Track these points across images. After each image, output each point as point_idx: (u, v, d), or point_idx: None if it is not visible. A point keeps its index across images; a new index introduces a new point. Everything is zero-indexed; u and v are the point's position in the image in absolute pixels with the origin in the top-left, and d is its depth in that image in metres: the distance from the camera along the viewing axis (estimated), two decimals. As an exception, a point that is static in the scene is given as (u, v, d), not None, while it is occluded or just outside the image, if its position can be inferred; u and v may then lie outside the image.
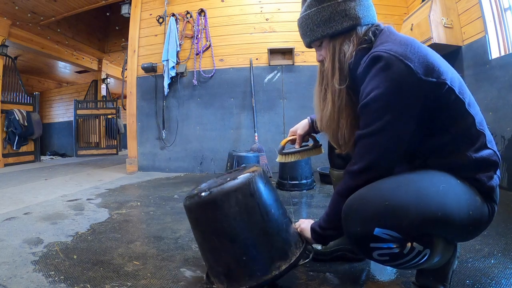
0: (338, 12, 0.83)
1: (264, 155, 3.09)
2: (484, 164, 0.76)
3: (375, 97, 0.72)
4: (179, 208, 2.04)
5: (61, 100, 8.41)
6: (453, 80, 0.75)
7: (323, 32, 0.85)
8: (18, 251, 1.30)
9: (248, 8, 3.65)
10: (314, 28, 0.86)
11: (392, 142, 0.74)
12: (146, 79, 3.84)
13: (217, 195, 0.86)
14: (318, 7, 0.85)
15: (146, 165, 3.81)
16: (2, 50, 4.77)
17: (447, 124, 0.76)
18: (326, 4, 0.84)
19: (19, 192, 2.69)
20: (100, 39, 6.82)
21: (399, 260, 0.71)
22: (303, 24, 0.90)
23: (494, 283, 0.93)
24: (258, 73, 3.56)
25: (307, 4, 0.88)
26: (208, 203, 0.87)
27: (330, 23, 0.84)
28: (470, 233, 0.79)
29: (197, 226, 0.94)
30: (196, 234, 0.96)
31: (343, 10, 0.82)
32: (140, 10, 3.90)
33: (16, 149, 5.11)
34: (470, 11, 2.51)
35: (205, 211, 0.89)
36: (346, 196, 0.78)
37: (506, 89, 2.18)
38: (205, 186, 0.96)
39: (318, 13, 0.85)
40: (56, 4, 4.60)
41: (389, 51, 0.72)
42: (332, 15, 0.83)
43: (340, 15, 0.83)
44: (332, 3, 0.83)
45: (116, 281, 1.03)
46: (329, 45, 0.87)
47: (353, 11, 0.82)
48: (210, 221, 0.88)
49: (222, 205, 0.86)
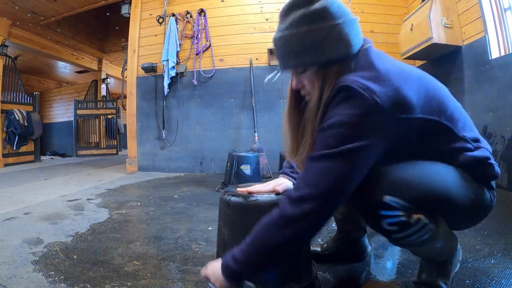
0: (333, 36, 0.70)
1: (264, 155, 3.09)
2: (476, 163, 0.77)
3: (338, 123, 0.67)
4: (179, 208, 2.04)
5: (61, 100, 8.41)
6: (427, 103, 0.71)
7: (313, 59, 0.72)
8: (18, 251, 1.30)
9: (248, 8, 3.66)
10: (301, 52, 0.73)
11: (347, 171, 0.66)
12: (146, 79, 3.84)
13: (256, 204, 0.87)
14: (309, 27, 0.71)
15: (146, 165, 3.81)
16: (2, 50, 4.78)
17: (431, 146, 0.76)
18: (319, 26, 0.70)
19: (19, 192, 2.69)
20: (100, 39, 6.82)
21: (406, 230, 0.70)
22: (285, 44, 0.74)
23: (494, 283, 0.93)
24: (258, 73, 3.56)
25: (292, 21, 0.73)
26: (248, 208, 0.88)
27: (323, 49, 0.71)
28: (471, 218, 0.81)
29: (227, 223, 0.95)
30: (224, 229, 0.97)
31: (338, 34, 0.70)
32: (140, 10, 3.90)
33: (16, 149, 5.11)
34: (470, 11, 2.51)
35: (243, 214, 0.90)
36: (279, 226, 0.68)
37: (506, 89, 2.18)
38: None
39: (308, 35, 0.71)
40: (56, 4, 4.60)
41: (356, 82, 0.66)
42: (325, 40, 0.70)
43: (335, 40, 0.70)
44: (325, 25, 0.70)
45: (116, 281, 1.03)
46: (317, 74, 0.74)
47: (347, 37, 0.71)
48: (243, 224, 0.89)
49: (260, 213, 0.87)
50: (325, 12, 0.70)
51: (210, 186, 2.80)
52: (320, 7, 0.70)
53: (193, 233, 1.53)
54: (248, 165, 2.57)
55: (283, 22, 0.75)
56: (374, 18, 3.58)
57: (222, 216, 0.96)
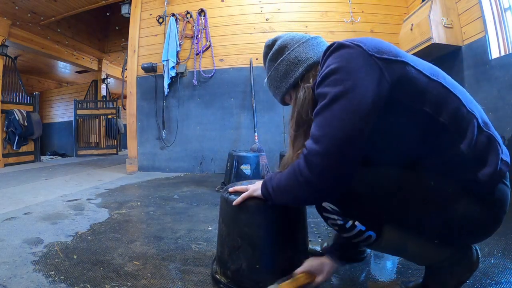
0: (292, 61, 0.86)
1: (264, 155, 3.09)
2: (481, 153, 0.70)
3: (329, 71, 0.69)
4: (179, 208, 2.04)
5: (61, 100, 8.41)
6: (417, 63, 0.72)
7: (286, 85, 0.88)
8: (18, 251, 1.30)
9: (248, 8, 3.66)
10: (278, 85, 0.90)
11: (348, 114, 0.65)
12: (146, 79, 3.84)
13: (252, 203, 0.91)
14: (275, 65, 0.89)
15: (146, 165, 3.81)
16: (2, 50, 4.77)
17: (432, 114, 0.69)
18: (280, 59, 0.88)
19: (19, 192, 2.68)
20: (100, 39, 6.82)
21: (346, 232, 0.80)
22: (270, 86, 0.93)
23: (494, 283, 0.93)
24: (258, 73, 3.56)
25: (267, 67, 0.92)
26: (242, 206, 0.92)
27: (289, 74, 0.86)
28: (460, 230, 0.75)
29: (225, 221, 0.99)
30: (223, 227, 1.00)
31: (295, 57, 0.86)
32: (140, 10, 3.90)
33: (16, 149, 5.11)
34: (470, 11, 2.51)
35: (239, 212, 0.93)
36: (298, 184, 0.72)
37: (506, 89, 2.18)
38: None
39: (276, 71, 0.89)
40: (56, 4, 4.60)
41: (340, 42, 0.73)
42: (288, 67, 0.86)
43: (294, 63, 0.85)
44: (284, 56, 0.87)
45: (116, 281, 1.03)
46: (293, 94, 0.88)
47: (303, 54, 0.85)
48: (241, 221, 0.93)
49: (254, 212, 0.91)
50: (280, 48, 0.89)
51: (210, 186, 2.80)
52: (277, 47, 0.89)
53: (193, 233, 1.53)
54: (248, 165, 2.57)
55: (266, 70, 0.94)
56: (374, 18, 3.58)
57: (221, 212, 1.01)
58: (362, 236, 0.78)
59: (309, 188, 0.70)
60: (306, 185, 0.70)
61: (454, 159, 0.70)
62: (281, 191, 0.79)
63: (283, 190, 0.78)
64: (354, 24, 3.53)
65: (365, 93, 0.65)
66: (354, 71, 0.67)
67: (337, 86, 0.67)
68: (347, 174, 0.68)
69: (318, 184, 0.68)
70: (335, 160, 0.66)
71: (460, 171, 0.70)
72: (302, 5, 3.63)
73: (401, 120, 0.71)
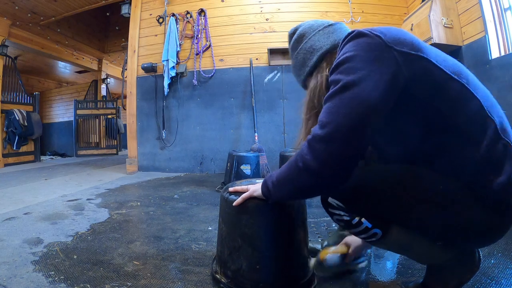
0: (308, 50, 0.89)
1: (264, 155, 3.09)
2: (497, 161, 0.66)
3: (344, 58, 0.69)
4: (179, 208, 2.04)
5: (61, 100, 8.41)
6: (439, 59, 0.68)
7: (304, 73, 0.91)
8: (18, 251, 1.30)
9: (248, 8, 3.66)
10: (298, 73, 0.94)
11: (357, 103, 0.64)
12: (146, 79, 3.84)
13: (252, 204, 0.90)
14: (295, 54, 0.93)
15: (146, 165, 3.81)
16: (2, 50, 4.77)
17: (447, 113, 0.67)
18: (298, 49, 0.92)
19: (19, 192, 2.68)
20: (100, 39, 6.81)
21: (352, 229, 0.80)
22: (293, 74, 0.98)
23: (494, 283, 0.93)
24: (258, 73, 3.56)
25: (290, 55, 0.97)
26: (242, 207, 0.92)
27: (306, 63, 0.90)
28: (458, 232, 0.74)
29: (225, 221, 0.99)
30: (223, 226, 1.00)
31: (310, 46, 0.89)
32: (140, 10, 3.90)
33: (16, 149, 5.11)
34: (470, 11, 2.51)
35: (239, 213, 0.93)
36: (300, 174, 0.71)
37: (506, 89, 2.18)
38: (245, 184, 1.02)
39: (296, 59, 0.93)
40: (56, 4, 4.60)
41: (360, 30, 0.72)
42: (305, 55, 0.90)
43: (309, 51, 0.89)
44: (302, 45, 0.91)
45: (116, 281, 1.03)
46: (310, 82, 0.90)
47: (318, 43, 0.88)
48: (241, 222, 0.93)
49: (254, 213, 0.91)
50: (299, 37, 0.92)
51: (210, 186, 2.80)
52: (296, 36, 0.93)
53: (193, 233, 1.53)
54: (248, 165, 2.57)
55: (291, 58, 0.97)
56: (374, 18, 3.58)
57: (221, 213, 1.01)
58: (369, 233, 0.78)
59: (308, 175, 0.69)
60: (306, 171, 0.69)
61: (464, 163, 0.67)
62: (280, 184, 0.78)
63: (283, 182, 0.77)
64: (354, 24, 3.53)
65: (377, 85, 0.64)
66: (370, 61, 0.66)
67: (350, 74, 0.66)
68: (349, 163, 0.67)
69: (317, 170, 0.67)
70: (337, 148, 0.65)
71: (471, 176, 0.67)
72: (302, 5, 3.63)
73: (412, 116, 0.70)
